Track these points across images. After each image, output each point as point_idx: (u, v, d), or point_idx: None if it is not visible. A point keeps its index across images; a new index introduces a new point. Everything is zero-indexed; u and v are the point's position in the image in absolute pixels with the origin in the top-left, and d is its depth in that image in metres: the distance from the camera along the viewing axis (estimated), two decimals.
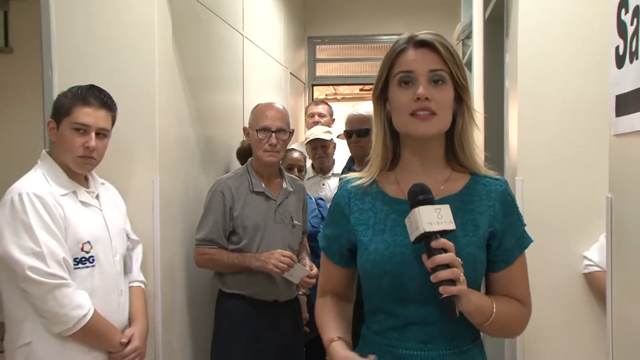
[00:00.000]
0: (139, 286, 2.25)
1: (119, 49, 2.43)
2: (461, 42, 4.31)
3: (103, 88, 2.10)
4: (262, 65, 4.28)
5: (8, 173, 5.55)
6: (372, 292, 1.39)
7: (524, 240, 1.38)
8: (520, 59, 2.29)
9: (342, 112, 5.56)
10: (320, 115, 4.14)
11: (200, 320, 2.82)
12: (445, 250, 1.21)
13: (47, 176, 1.98)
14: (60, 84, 2.37)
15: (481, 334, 1.40)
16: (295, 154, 3.41)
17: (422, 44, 1.33)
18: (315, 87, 6.40)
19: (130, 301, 2.17)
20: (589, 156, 2.15)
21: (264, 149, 2.66)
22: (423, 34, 1.34)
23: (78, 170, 2.04)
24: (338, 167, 3.71)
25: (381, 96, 1.39)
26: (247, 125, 2.80)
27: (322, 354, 1.44)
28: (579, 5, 2.19)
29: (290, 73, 5.28)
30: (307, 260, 2.77)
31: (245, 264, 2.59)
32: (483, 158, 1.48)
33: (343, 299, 1.52)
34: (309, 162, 3.74)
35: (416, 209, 1.22)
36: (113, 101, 2.11)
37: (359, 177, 1.44)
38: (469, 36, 3.90)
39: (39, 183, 1.95)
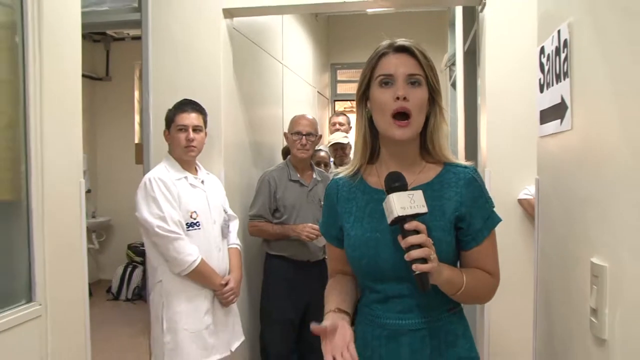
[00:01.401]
0: (236, 247, 2.38)
1: (195, 76, 2.60)
2: (448, 68, 4.40)
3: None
4: (296, 86, 4.36)
5: (108, 171, 5.87)
6: (356, 271, 1.29)
7: (493, 221, 1.22)
8: (488, 82, 2.36)
9: None
10: (340, 124, 4.13)
11: (253, 274, 2.91)
12: (417, 232, 1.08)
13: (167, 167, 2.20)
14: (154, 103, 2.54)
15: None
16: (322, 153, 3.48)
17: (402, 50, 1.20)
18: (336, 102, 6.46)
19: (229, 258, 2.32)
20: (534, 152, 2.26)
21: (297, 148, 2.78)
22: (402, 40, 1.21)
23: (185, 158, 2.22)
24: None
25: (363, 96, 1.25)
26: (286, 131, 2.92)
27: None
28: (531, 44, 2.29)
29: (317, 91, 5.35)
30: None
31: (285, 233, 2.71)
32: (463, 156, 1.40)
33: (350, 275, 1.35)
34: (332, 160, 3.78)
35: (391, 195, 1.11)
36: (201, 107, 2.28)
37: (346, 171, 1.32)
38: (454, 63, 3.95)
39: (161, 171, 2.18)
